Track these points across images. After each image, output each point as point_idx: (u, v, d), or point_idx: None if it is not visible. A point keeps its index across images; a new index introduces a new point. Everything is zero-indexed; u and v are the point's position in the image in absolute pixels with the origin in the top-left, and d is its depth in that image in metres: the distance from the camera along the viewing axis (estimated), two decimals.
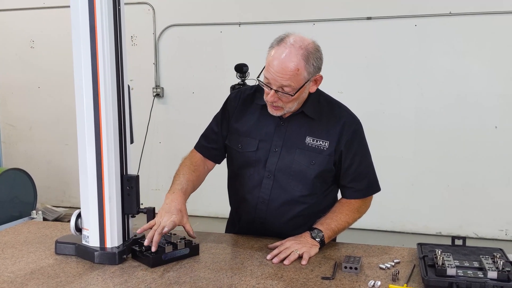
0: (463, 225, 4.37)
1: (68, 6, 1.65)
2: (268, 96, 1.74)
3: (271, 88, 1.72)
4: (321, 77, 1.80)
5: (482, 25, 4.14)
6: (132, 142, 1.82)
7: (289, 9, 4.53)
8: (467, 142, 4.28)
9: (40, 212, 4.34)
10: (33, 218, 4.18)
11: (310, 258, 1.69)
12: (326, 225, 1.82)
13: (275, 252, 1.71)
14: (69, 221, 1.80)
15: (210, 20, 4.77)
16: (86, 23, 1.61)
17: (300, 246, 1.72)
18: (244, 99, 1.97)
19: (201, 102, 4.86)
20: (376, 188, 1.96)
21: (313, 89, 1.82)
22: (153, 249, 1.63)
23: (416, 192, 4.46)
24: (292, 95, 1.71)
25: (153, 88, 4.96)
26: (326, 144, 1.83)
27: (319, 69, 1.77)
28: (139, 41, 4.96)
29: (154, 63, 4.96)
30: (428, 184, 4.43)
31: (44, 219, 4.40)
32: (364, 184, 1.92)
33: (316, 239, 1.77)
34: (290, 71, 1.67)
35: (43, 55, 5.25)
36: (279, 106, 1.77)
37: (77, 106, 1.68)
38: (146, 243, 1.65)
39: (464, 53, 4.22)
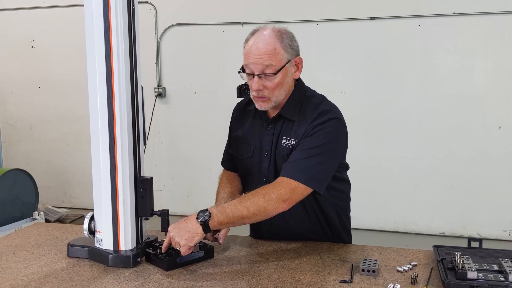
0: (466, 225, 4.36)
1: (69, 6, 1.63)
2: (253, 84, 1.75)
3: (253, 76, 1.74)
4: (301, 61, 1.82)
5: (486, 25, 4.13)
6: (145, 143, 1.80)
7: (292, 9, 4.51)
8: (471, 143, 4.27)
9: (41, 212, 4.30)
10: (35, 219, 4.14)
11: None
12: (221, 207, 1.65)
13: (164, 245, 1.66)
14: (71, 222, 1.78)
15: (213, 20, 4.74)
16: (101, 23, 1.59)
17: (180, 238, 1.59)
18: (243, 108, 2.04)
19: (204, 102, 4.83)
20: (312, 183, 1.68)
21: (296, 75, 1.82)
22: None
23: (419, 192, 4.45)
24: (275, 74, 1.72)
25: (155, 88, 4.92)
26: (294, 143, 1.79)
27: (297, 52, 1.80)
28: (141, 40, 4.90)
29: (156, 63, 4.93)
30: (431, 185, 4.41)
31: (46, 220, 4.36)
32: (299, 168, 1.69)
33: (199, 219, 1.60)
34: (268, 50, 1.71)
35: (43, 54, 5.20)
36: (265, 96, 1.77)
37: (90, 107, 1.66)
38: None
39: (468, 53, 4.21)
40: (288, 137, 1.81)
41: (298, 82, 1.88)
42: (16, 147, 5.44)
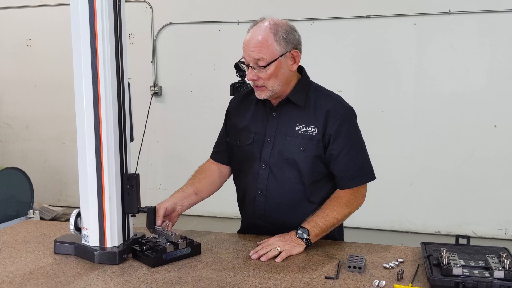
0: (462, 224, 4.36)
1: (66, 4, 1.62)
2: (248, 74, 1.81)
3: (248, 66, 1.80)
4: (298, 54, 1.83)
5: (481, 23, 4.13)
6: (132, 140, 1.80)
7: (288, 7, 4.51)
8: (466, 141, 4.27)
9: (37, 211, 4.30)
10: (30, 218, 4.14)
11: (292, 255, 1.70)
12: (312, 222, 1.78)
13: (257, 248, 1.72)
14: (66, 220, 1.78)
15: (209, 18, 4.74)
16: (86, 19, 1.58)
17: (283, 243, 1.71)
18: (242, 97, 2.06)
19: (200, 100, 4.83)
20: (369, 177, 1.91)
21: (293, 68, 1.84)
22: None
23: (415, 191, 4.45)
24: (264, 67, 1.76)
25: (151, 87, 4.93)
26: (315, 130, 1.84)
27: (294, 45, 1.81)
28: (137, 39, 4.93)
29: (152, 62, 4.94)
30: (427, 183, 4.42)
31: (41, 218, 4.36)
32: (355, 172, 1.87)
33: (301, 238, 1.75)
34: (259, 42, 1.75)
35: (40, 53, 5.21)
36: (261, 85, 1.81)
37: (76, 104, 1.66)
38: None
39: (463, 52, 4.21)
40: (303, 124, 1.85)
41: (304, 74, 1.93)
42: (12, 146, 5.45)
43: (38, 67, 5.23)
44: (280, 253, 1.67)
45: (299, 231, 1.76)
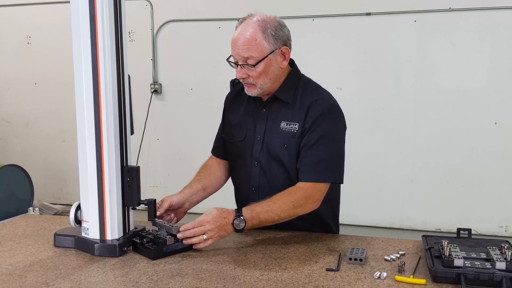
0: (462, 221, 4.34)
1: (66, 2, 1.62)
2: (237, 72, 1.80)
3: (237, 65, 1.78)
4: (288, 50, 1.81)
5: (482, 20, 4.12)
6: (132, 133, 1.79)
7: (288, 4, 4.50)
8: (467, 138, 4.26)
9: (37, 208, 4.30)
10: None
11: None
12: (255, 213, 1.70)
13: (188, 225, 1.66)
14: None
15: (209, 16, 4.73)
16: (87, 16, 1.59)
17: (214, 233, 1.65)
18: (236, 93, 2.06)
19: (200, 98, 4.82)
20: (332, 177, 1.79)
21: (283, 65, 1.82)
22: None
23: (415, 189, 4.43)
24: (253, 65, 1.74)
25: (150, 85, 4.91)
26: (296, 126, 1.81)
27: (284, 42, 1.80)
28: (137, 37, 4.91)
29: (152, 59, 4.92)
30: (427, 181, 4.40)
31: None
32: (316, 167, 1.76)
33: (235, 227, 1.67)
34: (247, 41, 1.73)
35: (40, 51, 5.20)
36: (251, 83, 1.80)
37: (76, 97, 1.65)
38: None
39: (464, 49, 4.19)
40: (288, 121, 1.83)
41: (293, 68, 1.91)
42: (12, 144, 5.43)
43: (38, 64, 5.22)
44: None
45: (236, 222, 1.66)
